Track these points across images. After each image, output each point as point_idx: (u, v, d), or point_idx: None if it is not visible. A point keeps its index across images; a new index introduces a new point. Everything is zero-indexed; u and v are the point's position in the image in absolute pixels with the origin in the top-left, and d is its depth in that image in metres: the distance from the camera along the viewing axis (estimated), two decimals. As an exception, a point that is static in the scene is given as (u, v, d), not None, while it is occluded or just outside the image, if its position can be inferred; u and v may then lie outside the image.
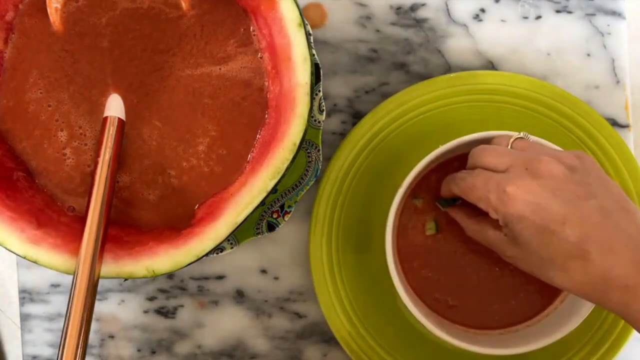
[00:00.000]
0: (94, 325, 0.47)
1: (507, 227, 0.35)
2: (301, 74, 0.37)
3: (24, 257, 0.37)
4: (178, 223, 0.40)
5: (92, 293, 0.35)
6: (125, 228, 0.40)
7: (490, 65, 0.47)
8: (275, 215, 0.43)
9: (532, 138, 0.38)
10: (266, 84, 0.40)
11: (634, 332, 0.43)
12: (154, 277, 0.46)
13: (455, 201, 0.41)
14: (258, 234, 0.43)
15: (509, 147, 0.37)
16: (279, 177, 0.37)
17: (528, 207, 0.33)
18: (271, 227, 0.43)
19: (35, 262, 0.37)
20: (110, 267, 0.37)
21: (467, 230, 0.39)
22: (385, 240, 0.39)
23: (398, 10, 0.47)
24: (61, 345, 0.33)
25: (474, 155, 0.38)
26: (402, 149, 0.44)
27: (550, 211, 0.33)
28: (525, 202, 0.33)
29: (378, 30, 0.47)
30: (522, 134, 0.38)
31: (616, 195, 0.34)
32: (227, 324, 0.47)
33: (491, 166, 0.36)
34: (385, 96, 0.46)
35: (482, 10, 0.47)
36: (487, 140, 0.39)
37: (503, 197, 0.34)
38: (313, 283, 0.44)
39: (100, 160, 0.38)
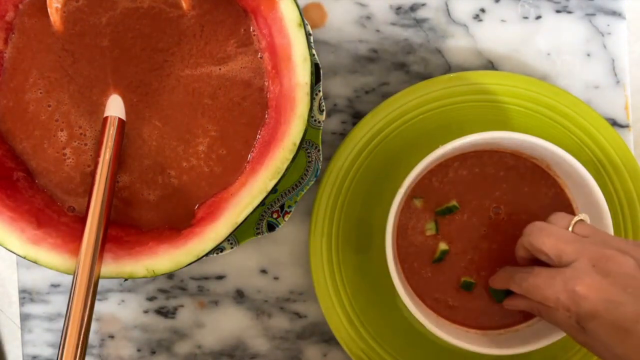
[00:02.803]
0: (94, 325, 0.47)
1: (580, 325, 0.33)
2: (301, 74, 0.37)
3: (24, 257, 0.37)
4: (178, 223, 0.40)
5: (92, 293, 0.35)
6: (125, 228, 0.40)
7: (490, 65, 0.47)
8: (275, 215, 0.43)
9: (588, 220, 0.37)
10: (266, 84, 0.40)
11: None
12: (154, 277, 0.46)
13: (510, 292, 0.40)
14: (258, 234, 0.43)
15: (570, 229, 0.36)
16: (279, 177, 0.37)
17: (601, 305, 0.32)
18: (271, 227, 0.43)
19: (35, 262, 0.37)
20: (110, 267, 0.37)
21: (534, 312, 0.38)
22: (385, 240, 0.39)
23: (398, 10, 0.47)
24: (61, 345, 0.33)
25: (533, 235, 0.36)
26: (402, 149, 0.44)
27: (624, 309, 0.31)
28: (597, 300, 0.32)
29: (378, 30, 0.47)
30: (582, 216, 0.37)
31: None
32: (227, 324, 0.47)
33: (553, 252, 0.35)
34: (385, 96, 0.46)
35: (482, 10, 0.47)
36: (487, 141, 0.39)
37: (574, 297, 0.33)
38: (313, 283, 0.44)
39: (101, 160, 0.38)
